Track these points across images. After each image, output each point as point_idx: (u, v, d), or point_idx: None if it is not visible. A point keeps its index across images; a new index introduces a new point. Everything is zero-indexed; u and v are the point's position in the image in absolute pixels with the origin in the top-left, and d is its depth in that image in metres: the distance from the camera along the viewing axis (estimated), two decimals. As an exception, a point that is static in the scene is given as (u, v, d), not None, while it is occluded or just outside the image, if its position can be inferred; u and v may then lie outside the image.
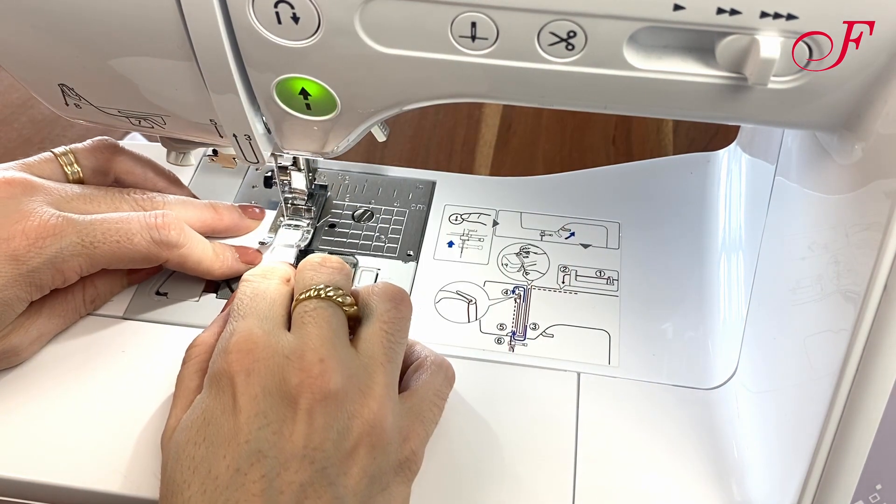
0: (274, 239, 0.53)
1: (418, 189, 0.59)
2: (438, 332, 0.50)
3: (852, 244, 0.34)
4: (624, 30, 0.32)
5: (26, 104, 0.77)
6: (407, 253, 0.55)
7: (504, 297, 0.52)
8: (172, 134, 0.45)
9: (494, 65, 0.34)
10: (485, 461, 0.44)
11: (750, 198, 0.51)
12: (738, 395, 0.46)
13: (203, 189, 0.58)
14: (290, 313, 0.42)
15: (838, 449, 0.35)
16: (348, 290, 0.42)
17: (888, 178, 0.32)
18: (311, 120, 0.39)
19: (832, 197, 0.37)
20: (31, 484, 0.42)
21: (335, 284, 0.42)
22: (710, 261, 0.53)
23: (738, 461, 0.44)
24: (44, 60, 0.39)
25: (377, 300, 0.42)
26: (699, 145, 0.72)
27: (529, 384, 0.47)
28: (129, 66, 0.38)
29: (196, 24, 0.35)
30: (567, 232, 0.56)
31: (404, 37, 0.34)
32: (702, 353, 0.49)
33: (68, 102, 0.42)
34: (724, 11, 0.30)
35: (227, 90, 0.38)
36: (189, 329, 0.49)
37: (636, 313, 0.51)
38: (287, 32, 0.34)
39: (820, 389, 0.36)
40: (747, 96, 0.33)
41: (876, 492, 0.36)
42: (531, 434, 0.45)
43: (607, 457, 0.44)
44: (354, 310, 0.42)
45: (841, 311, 0.35)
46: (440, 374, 0.44)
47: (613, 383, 0.47)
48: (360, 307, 0.43)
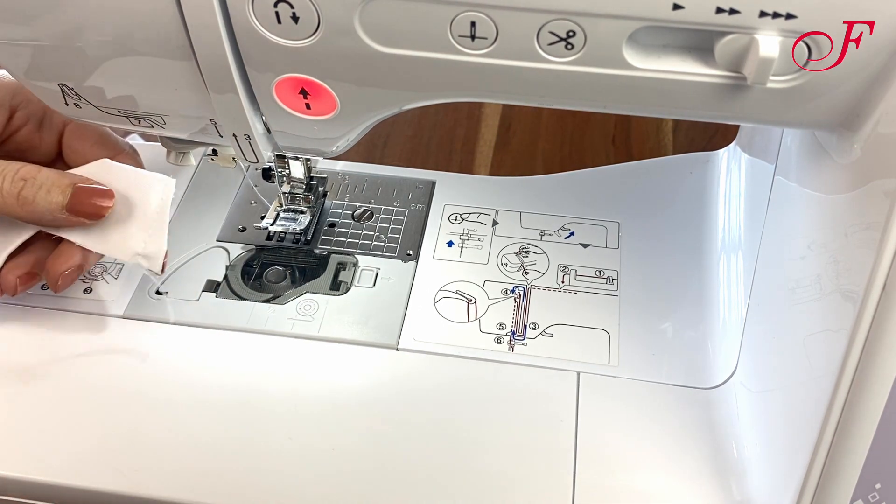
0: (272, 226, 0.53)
1: (418, 189, 0.59)
2: (438, 331, 0.50)
3: (851, 243, 0.34)
4: (623, 29, 0.32)
5: (26, 104, 0.76)
6: (407, 252, 0.55)
7: (504, 296, 0.52)
8: (172, 134, 0.45)
9: (494, 64, 0.34)
10: (484, 461, 0.44)
11: (749, 197, 0.51)
12: (738, 394, 0.46)
13: (203, 189, 0.58)
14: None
15: (838, 448, 0.35)
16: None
17: (887, 178, 0.32)
18: (311, 120, 0.39)
19: (831, 196, 0.37)
20: (31, 483, 0.42)
21: None
22: (709, 260, 0.53)
23: (737, 460, 0.44)
24: (44, 60, 0.39)
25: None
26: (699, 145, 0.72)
27: (529, 384, 0.47)
28: (129, 66, 0.38)
29: (196, 24, 0.35)
30: (567, 231, 0.56)
31: (404, 37, 0.34)
32: (701, 352, 0.49)
33: (68, 102, 0.42)
34: (723, 11, 0.30)
35: (227, 90, 0.38)
36: (189, 329, 0.49)
37: (636, 313, 0.51)
38: (287, 32, 0.34)
39: (819, 389, 0.36)
40: (746, 96, 0.33)
41: (875, 491, 0.36)
42: (531, 434, 0.45)
43: (607, 456, 0.44)
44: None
45: (840, 311, 0.35)
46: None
47: (613, 383, 0.47)
48: None
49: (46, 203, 0.44)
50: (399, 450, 0.44)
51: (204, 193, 0.58)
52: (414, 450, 0.44)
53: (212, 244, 0.55)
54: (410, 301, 0.52)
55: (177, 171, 0.59)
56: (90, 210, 0.45)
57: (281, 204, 0.54)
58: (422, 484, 0.43)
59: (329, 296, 0.52)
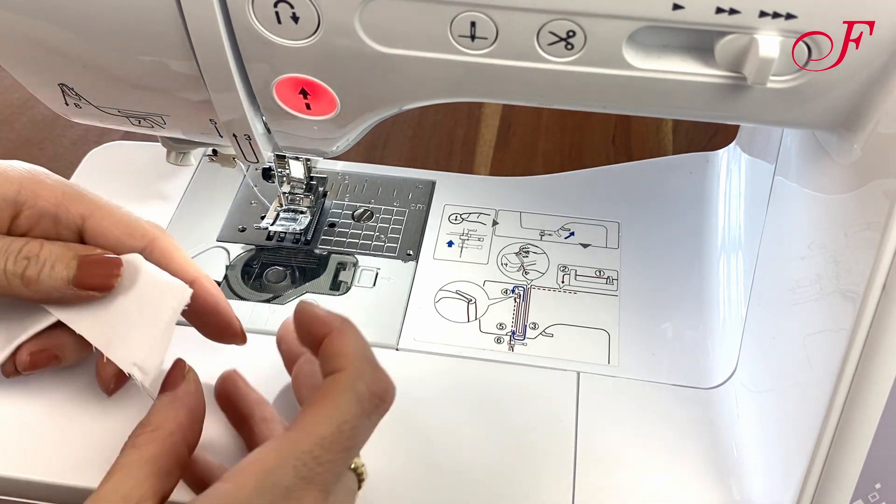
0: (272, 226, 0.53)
1: (418, 189, 0.59)
2: (438, 331, 0.50)
3: (851, 244, 0.34)
4: (623, 29, 0.32)
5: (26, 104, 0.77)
6: (407, 252, 0.55)
7: (504, 296, 0.52)
8: (172, 134, 0.45)
9: (494, 64, 0.34)
10: (485, 461, 0.44)
11: (749, 197, 0.51)
12: (738, 394, 0.46)
13: (203, 189, 0.58)
14: None
15: (838, 448, 0.35)
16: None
17: (887, 178, 0.32)
18: (311, 120, 0.39)
19: (831, 196, 0.37)
20: (30, 483, 0.42)
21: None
22: (709, 260, 0.53)
23: (737, 460, 0.44)
24: (44, 60, 0.39)
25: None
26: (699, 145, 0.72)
27: (529, 384, 0.47)
28: (129, 66, 0.38)
29: (196, 24, 0.35)
30: (567, 231, 0.56)
31: (404, 36, 0.34)
32: (701, 352, 0.49)
33: (68, 102, 0.42)
34: (723, 11, 0.30)
35: (227, 90, 0.38)
36: (189, 328, 0.49)
37: (636, 313, 0.51)
38: (287, 32, 0.34)
39: (819, 388, 0.36)
40: (746, 96, 0.33)
41: (875, 490, 0.36)
42: (531, 434, 0.45)
43: (607, 456, 0.44)
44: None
45: (840, 311, 0.35)
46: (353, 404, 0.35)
47: (613, 383, 0.47)
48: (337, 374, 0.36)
49: (52, 280, 0.40)
50: (399, 449, 0.44)
51: (204, 193, 0.58)
52: (414, 449, 0.44)
53: (212, 244, 0.55)
54: (410, 301, 0.52)
55: (177, 171, 0.59)
56: (98, 282, 0.41)
57: (281, 204, 0.54)
58: (421, 484, 0.43)
59: (329, 296, 0.52)
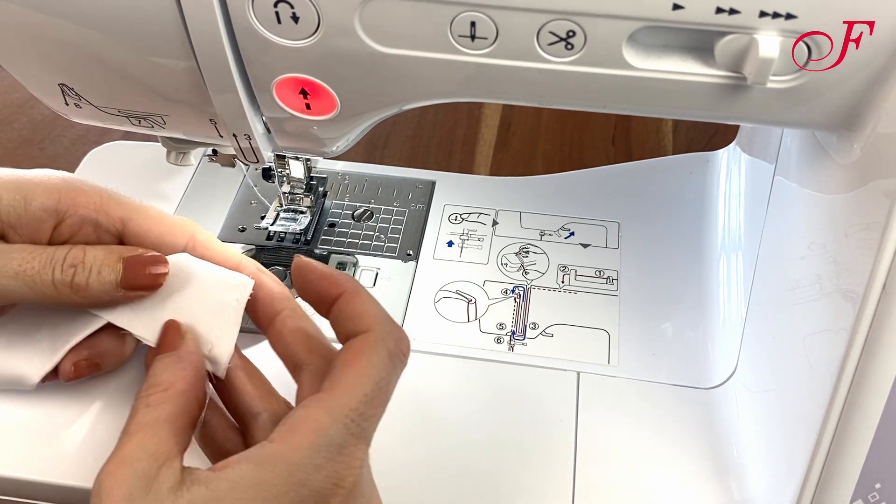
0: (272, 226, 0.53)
1: (418, 189, 0.59)
2: (438, 331, 0.50)
3: (851, 244, 0.34)
4: (623, 29, 0.32)
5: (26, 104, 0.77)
6: (407, 252, 0.55)
7: (504, 296, 0.52)
8: (172, 134, 0.45)
9: (494, 64, 0.34)
10: (484, 461, 0.44)
11: (749, 197, 0.51)
12: (738, 394, 0.46)
13: (203, 189, 0.58)
14: None
15: (838, 447, 0.35)
16: None
17: (887, 178, 0.32)
18: (311, 120, 0.39)
19: (831, 196, 0.37)
20: (30, 483, 0.42)
21: None
22: (709, 260, 0.53)
23: (737, 460, 0.44)
24: (44, 60, 0.39)
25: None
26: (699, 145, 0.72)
27: (529, 384, 0.47)
28: (129, 65, 0.38)
29: (196, 24, 0.35)
30: (567, 231, 0.56)
31: (404, 37, 0.34)
32: (701, 352, 0.49)
33: (68, 102, 0.42)
34: (723, 11, 0.30)
35: (227, 90, 0.38)
36: (189, 329, 0.49)
37: (636, 313, 0.51)
38: (287, 32, 0.34)
39: (819, 388, 0.36)
40: (746, 96, 0.33)
41: (875, 490, 0.36)
42: (531, 433, 0.45)
43: (607, 456, 0.44)
44: None
45: (840, 311, 0.35)
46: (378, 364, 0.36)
47: (613, 383, 0.47)
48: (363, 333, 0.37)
49: (100, 284, 0.39)
50: (399, 449, 0.44)
51: (204, 193, 0.58)
52: (413, 449, 0.44)
53: (212, 244, 0.55)
54: (410, 301, 0.52)
55: (177, 171, 0.59)
56: (145, 282, 0.40)
57: (281, 204, 0.54)
58: (421, 483, 0.43)
59: (329, 296, 0.52)
